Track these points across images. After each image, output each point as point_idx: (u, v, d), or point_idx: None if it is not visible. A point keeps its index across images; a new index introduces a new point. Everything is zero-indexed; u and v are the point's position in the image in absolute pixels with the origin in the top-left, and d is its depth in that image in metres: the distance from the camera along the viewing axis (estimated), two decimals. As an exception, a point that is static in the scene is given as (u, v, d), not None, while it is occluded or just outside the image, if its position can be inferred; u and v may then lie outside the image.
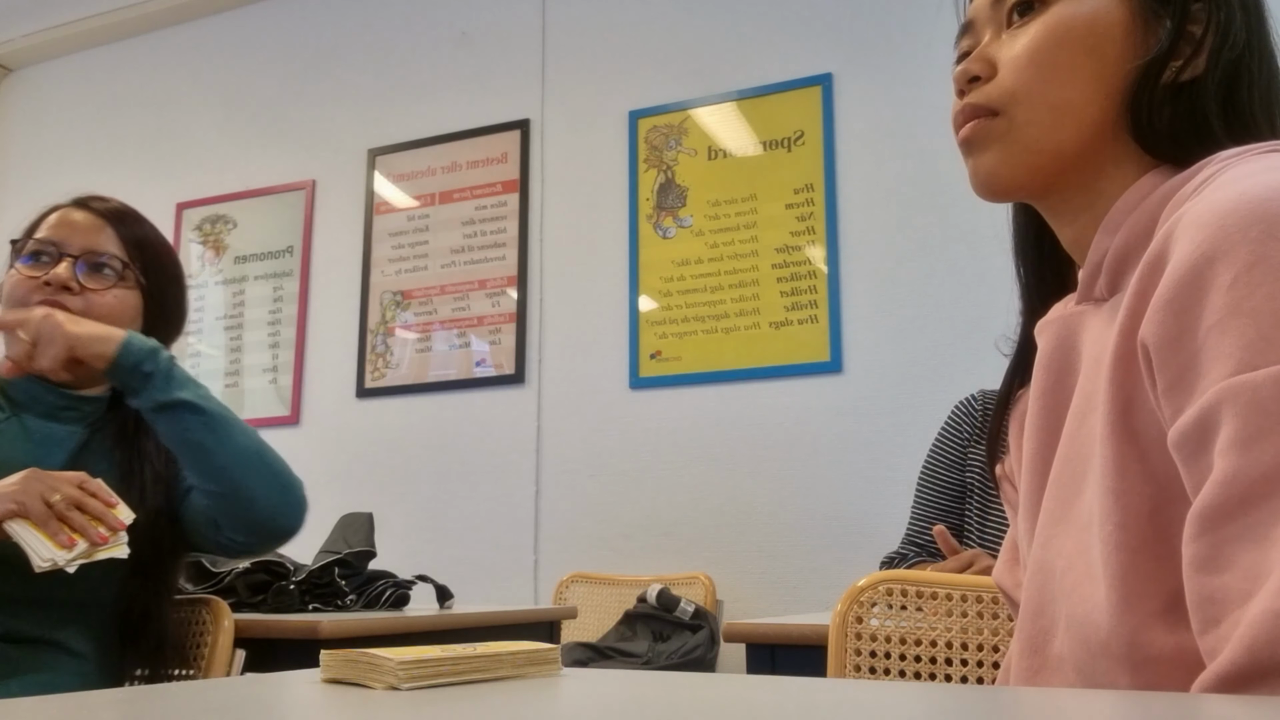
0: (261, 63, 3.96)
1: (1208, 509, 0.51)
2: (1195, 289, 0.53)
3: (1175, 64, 0.65)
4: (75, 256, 1.33)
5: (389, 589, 1.83)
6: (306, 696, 0.54)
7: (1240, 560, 0.50)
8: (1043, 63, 0.66)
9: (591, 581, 3.02)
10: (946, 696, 0.52)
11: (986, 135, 0.68)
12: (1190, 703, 0.46)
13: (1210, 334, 0.52)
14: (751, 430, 2.96)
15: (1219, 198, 0.55)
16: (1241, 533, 0.50)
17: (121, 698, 0.57)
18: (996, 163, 0.68)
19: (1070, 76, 0.66)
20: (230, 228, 3.88)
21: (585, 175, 3.33)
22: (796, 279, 2.98)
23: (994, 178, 0.69)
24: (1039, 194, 0.70)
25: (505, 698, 0.51)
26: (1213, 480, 0.51)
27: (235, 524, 1.33)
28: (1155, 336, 0.55)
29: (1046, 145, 0.67)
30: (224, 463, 1.31)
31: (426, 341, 3.45)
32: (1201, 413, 0.52)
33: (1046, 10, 0.67)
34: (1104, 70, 0.66)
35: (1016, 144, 0.67)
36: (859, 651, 1.19)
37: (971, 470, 1.74)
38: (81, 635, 1.30)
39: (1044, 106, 0.66)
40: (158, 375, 1.28)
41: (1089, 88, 0.66)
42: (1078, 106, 0.66)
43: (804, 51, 3.09)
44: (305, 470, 1.46)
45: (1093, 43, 0.66)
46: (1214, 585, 0.51)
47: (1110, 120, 0.66)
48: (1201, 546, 0.52)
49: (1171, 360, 0.54)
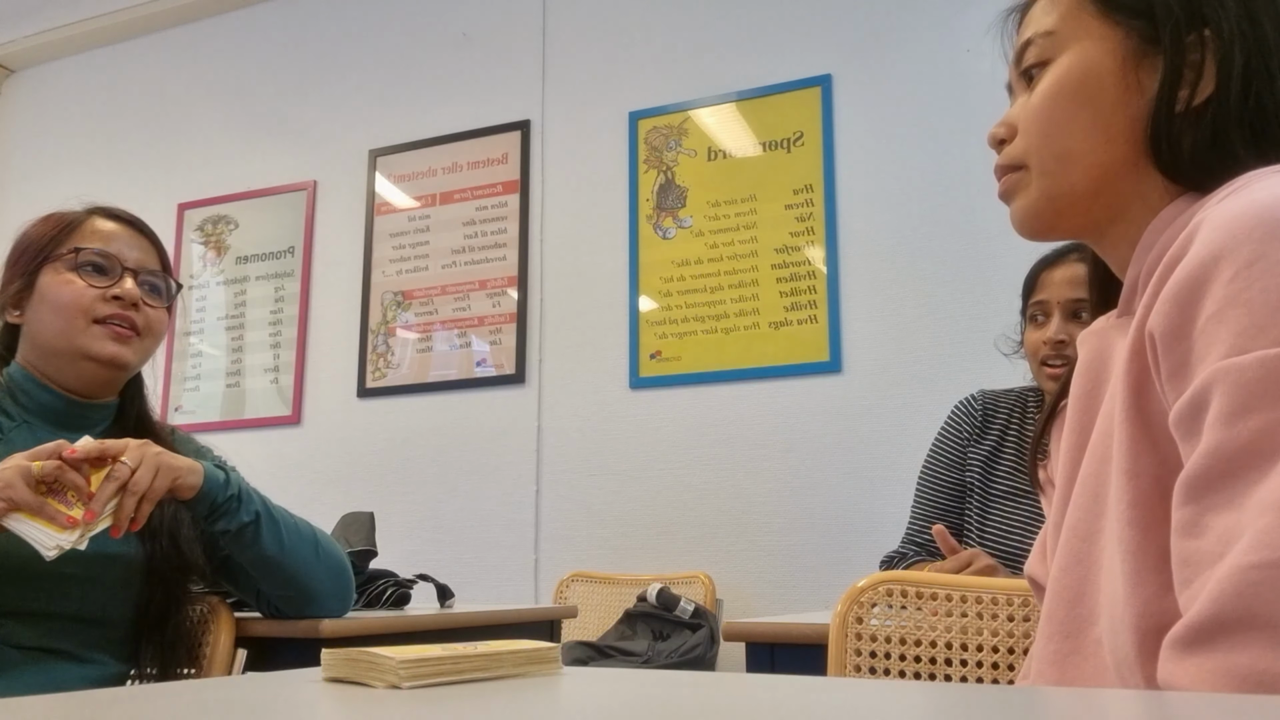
0: (262, 63, 3.96)
1: (1192, 478, 0.56)
2: (1199, 284, 0.58)
3: (1183, 94, 0.68)
4: (134, 271, 1.37)
5: (390, 588, 1.83)
6: (308, 696, 0.54)
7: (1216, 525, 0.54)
8: (1044, 119, 0.73)
9: (591, 581, 3.02)
10: (946, 696, 0.53)
11: (1014, 187, 0.76)
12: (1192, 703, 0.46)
13: (1208, 324, 0.57)
14: (751, 430, 2.96)
15: (1231, 204, 0.59)
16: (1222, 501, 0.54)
17: (121, 697, 0.57)
18: (1024, 210, 0.76)
19: (1069, 128, 0.72)
20: (231, 228, 3.88)
21: (585, 176, 3.34)
22: (796, 279, 2.98)
23: (1024, 223, 0.76)
24: (1072, 232, 0.76)
25: (505, 697, 0.51)
26: (1198, 451, 0.56)
27: (295, 610, 1.42)
28: (1160, 327, 0.59)
29: (1060, 190, 0.73)
30: (293, 571, 1.37)
31: (427, 341, 3.45)
32: (1194, 393, 0.57)
33: (1050, 68, 0.74)
34: (1101, 117, 0.71)
35: (1036, 192, 0.74)
36: (859, 652, 1.19)
37: (972, 470, 1.74)
38: (91, 645, 1.30)
39: (1050, 158, 0.73)
40: (235, 501, 1.30)
41: (1090, 135, 0.71)
42: (1082, 153, 0.71)
43: (804, 52, 3.09)
44: (306, 470, 1.48)
45: (1086, 95, 0.71)
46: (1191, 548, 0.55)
47: (1124, 159, 0.70)
48: (1185, 513, 0.56)
49: (1174, 348, 0.59)
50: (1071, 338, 1.57)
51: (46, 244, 1.36)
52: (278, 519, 1.36)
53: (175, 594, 1.36)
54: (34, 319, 1.34)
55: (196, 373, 3.80)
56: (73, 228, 1.37)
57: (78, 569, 1.26)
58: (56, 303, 1.32)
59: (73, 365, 1.33)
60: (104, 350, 1.32)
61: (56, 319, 1.32)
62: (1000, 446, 1.72)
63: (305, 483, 3.44)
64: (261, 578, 1.38)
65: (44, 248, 1.35)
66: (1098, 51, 0.71)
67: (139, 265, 1.38)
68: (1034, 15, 0.76)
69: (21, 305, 1.35)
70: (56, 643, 1.27)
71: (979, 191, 2.81)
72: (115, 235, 1.38)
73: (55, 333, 1.32)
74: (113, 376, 1.37)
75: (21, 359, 1.37)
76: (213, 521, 1.31)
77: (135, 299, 1.35)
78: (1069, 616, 0.67)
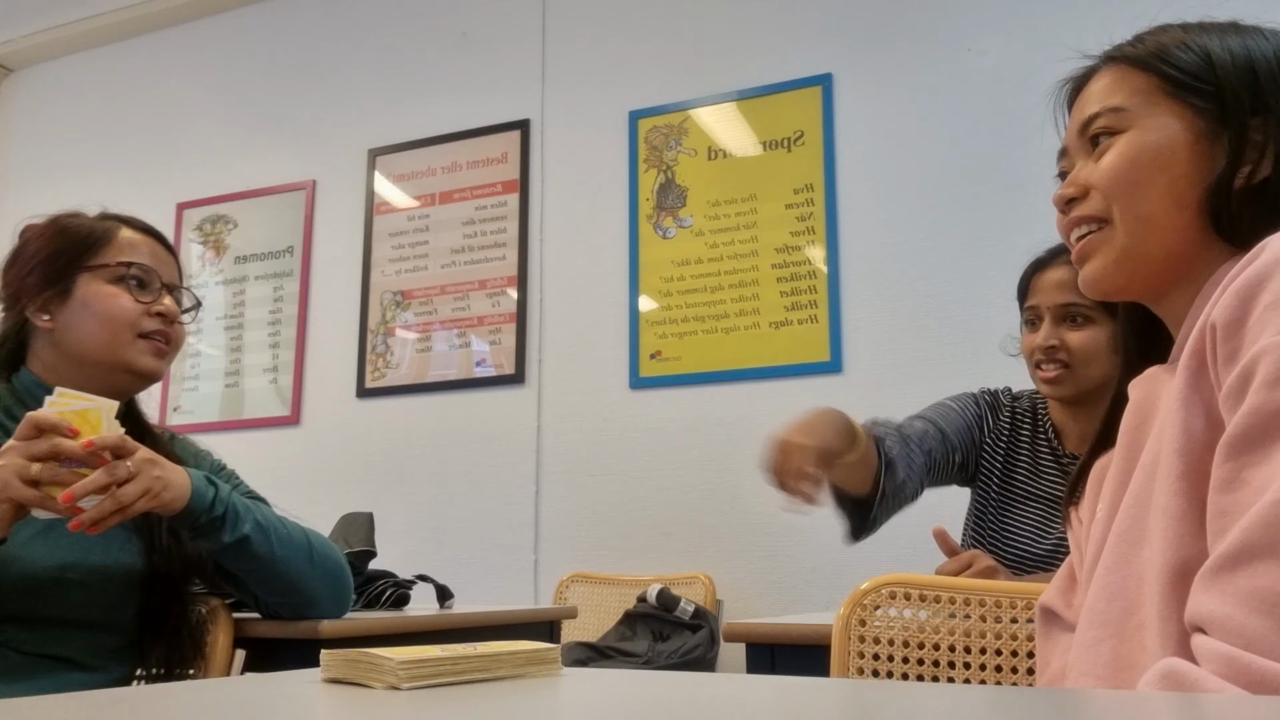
0: (261, 63, 3.96)
1: (1232, 438, 0.60)
2: (1259, 280, 0.64)
3: (1244, 170, 0.75)
4: (168, 287, 1.40)
5: (389, 589, 1.82)
6: (307, 696, 0.54)
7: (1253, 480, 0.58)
8: (1125, 180, 0.78)
9: (591, 581, 3.01)
10: (947, 696, 0.52)
11: (1096, 245, 0.81)
12: (1194, 703, 0.46)
13: (1265, 311, 0.62)
14: (751, 430, 2.95)
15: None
16: (1259, 458, 0.58)
17: (121, 697, 0.56)
18: (1100, 269, 0.81)
19: (1148, 192, 0.77)
20: (230, 228, 3.88)
21: (585, 175, 3.33)
22: (796, 279, 2.98)
23: (1100, 280, 0.81)
24: (1138, 294, 0.82)
25: (505, 697, 0.51)
26: (1240, 413, 0.60)
27: (291, 614, 1.43)
28: (1222, 318, 0.65)
29: (1138, 252, 0.78)
30: (287, 579, 1.38)
31: (427, 341, 3.45)
32: (1244, 366, 0.62)
33: (1121, 137, 0.79)
34: (1176, 185, 0.77)
35: (1117, 251, 0.79)
36: (862, 654, 1.19)
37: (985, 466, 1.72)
38: (96, 651, 1.30)
39: (1134, 218, 0.78)
40: (219, 521, 1.30)
41: (1165, 200, 0.77)
42: (1158, 217, 0.77)
43: (804, 51, 3.09)
44: (305, 470, 1.48)
45: (1163, 163, 0.77)
46: (1227, 501, 0.59)
47: (1193, 226, 0.76)
48: (1224, 471, 0.61)
49: (1232, 335, 0.64)
50: (1063, 342, 1.58)
51: (82, 252, 1.35)
52: (269, 531, 1.35)
53: (179, 595, 1.36)
54: (71, 326, 1.33)
55: (195, 373, 3.79)
56: (107, 238, 1.37)
57: (82, 575, 1.26)
58: (104, 314, 1.32)
59: (109, 376, 1.34)
60: (147, 365, 1.35)
61: (102, 330, 1.32)
62: (1015, 445, 1.71)
63: (304, 483, 3.43)
64: (255, 585, 1.39)
65: (79, 256, 1.34)
66: (1172, 127, 0.77)
67: (170, 281, 1.42)
68: (1097, 90, 0.82)
69: (52, 310, 1.33)
70: (61, 649, 1.27)
71: (979, 190, 2.81)
72: (150, 249, 1.40)
73: (99, 344, 1.32)
74: (141, 388, 1.40)
75: (38, 365, 1.35)
76: (195, 537, 1.31)
77: (176, 315, 1.39)
78: (1109, 608, 0.71)
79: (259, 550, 1.33)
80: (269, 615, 1.44)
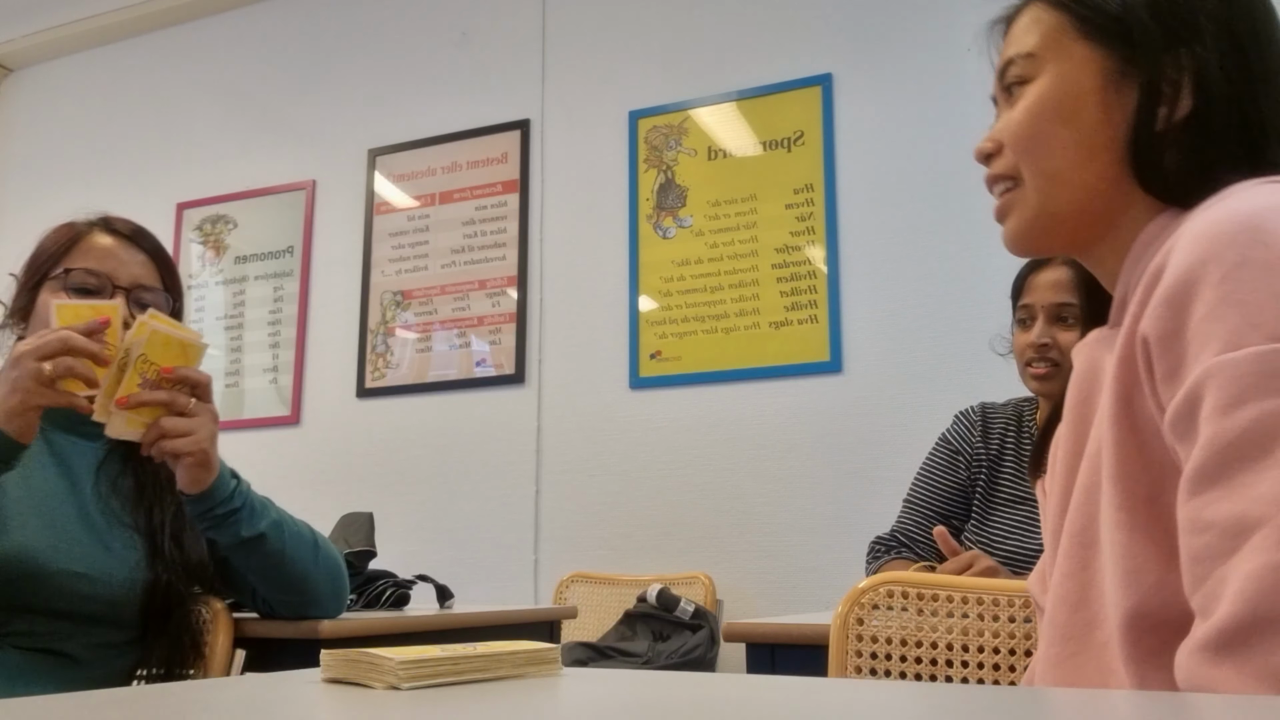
0: (261, 63, 3.96)
1: (1192, 474, 0.56)
2: (1189, 286, 0.58)
3: (1162, 112, 0.70)
4: (126, 289, 1.36)
5: (389, 589, 1.82)
6: (307, 696, 0.54)
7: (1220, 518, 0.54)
8: (1027, 135, 0.74)
9: (591, 581, 3.01)
10: (947, 696, 0.52)
11: (1010, 204, 0.77)
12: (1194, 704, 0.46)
13: (1201, 324, 0.57)
14: (751, 430, 2.95)
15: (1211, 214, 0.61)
16: (1220, 493, 0.54)
17: (121, 698, 0.57)
18: (1015, 229, 0.77)
19: (1053, 147, 0.73)
20: (230, 228, 3.88)
21: (585, 175, 3.33)
22: (796, 279, 2.98)
23: (1016, 241, 0.78)
24: (1060, 249, 0.78)
25: (505, 697, 0.51)
26: (1196, 446, 0.56)
27: (291, 613, 1.42)
28: (1154, 331, 0.60)
29: (1050, 209, 0.74)
30: (293, 576, 1.38)
31: (427, 341, 3.45)
32: (1188, 390, 0.57)
33: (1031, 86, 0.75)
34: (1083, 135, 0.72)
35: (1029, 210, 0.75)
36: (860, 653, 1.19)
37: (975, 475, 1.76)
38: (97, 647, 1.30)
39: (1040, 176, 0.74)
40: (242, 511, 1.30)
41: (1072, 154, 0.72)
42: (1065, 173, 0.73)
43: (804, 51, 3.08)
44: (305, 470, 1.49)
45: (1066, 113, 0.72)
46: (1199, 544, 0.55)
47: (1108, 177, 0.72)
48: (1188, 510, 0.56)
49: (1169, 352, 0.59)
50: (1055, 341, 1.59)
51: (45, 261, 1.36)
52: (282, 528, 1.36)
53: (181, 597, 1.37)
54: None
55: (196, 373, 3.79)
56: (72, 244, 1.37)
57: (86, 572, 1.26)
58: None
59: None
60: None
61: None
62: (1001, 454, 1.75)
63: (304, 483, 3.43)
64: (261, 582, 1.39)
65: (42, 265, 1.36)
66: (1078, 72, 0.72)
67: (133, 282, 1.37)
68: (1016, 33, 0.78)
69: (25, 323, 1.36)
70: (64, 646, 1.27)
71: (979, 191, 2.80)
72: (110, 252, 1.37)
73: None
74: None
75: None
76: (210, 529, 1.31)
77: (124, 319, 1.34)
78: (1070, 621, 0.67)
79: (272, 548, 1.34)
80: (267, 614, 1.45)
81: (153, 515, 1.34)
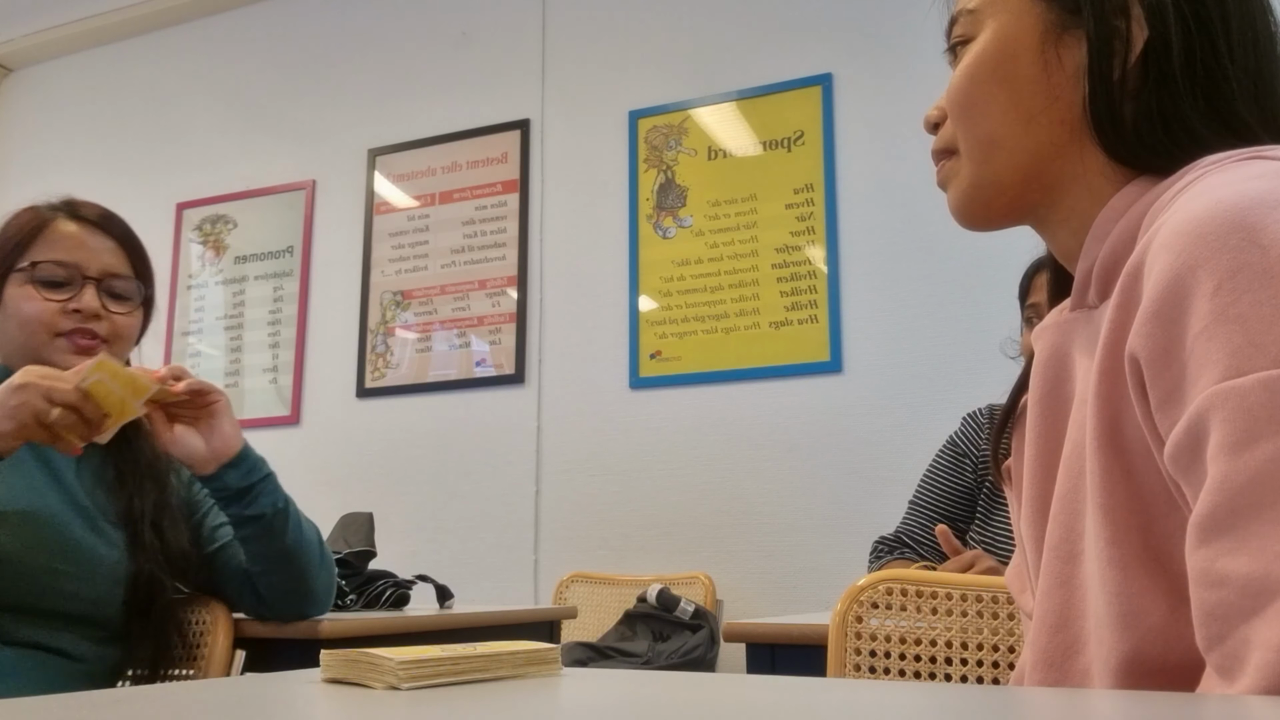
0: (261, 63, 3.96)
1: (1202, 519, 0.51)
2: (1180, 298, 0.52)
3: (1115, 61, 0.63)
4: (96, 279, 1.34)
5: (389, 589, 1.82)
6: (306, 696, 0.54)
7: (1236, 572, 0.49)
8: (962, 101, 0.69)
9: (591, 581, 3.01)
10: (947, 696, 0.52)
11: (947, 176, 0.72)
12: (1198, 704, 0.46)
13: (1198, 341, 0.51)
14: (751, 430, 2.95)
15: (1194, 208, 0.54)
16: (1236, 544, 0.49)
17: (121, 698, 0.56)
18: (956, 200, 0.72)
19: (987, 109, 0.68)
20: (230, 228, 3.88)
21: (585, 175, 3.33)
22: (796, 279, 2.98)
23: (958, 213, 0.73)
24: (1007, 220, 0.72)
25: (505, 698, 0.51)
26: (1205, 489, 0.50)
27: (285, 607, 1.40)
28: (1145, 350, 0.54)
29: (985, 179, 0.69)
30: (298, 569, 1.37)
31: (426, 341, 3.45)
32: (1190, 421, 0.51)
33: (970, 46, 0.69)
34: (1020, 97, 0.66)
35: (966, 180, 0.70)
36: (859, 651, 1.19)
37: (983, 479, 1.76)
38: (81, 642, 1.30)
39: (976, 143, 0.69)
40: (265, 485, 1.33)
41: (1009, 116, 0.67)
42: (1002, 137, 0.67)
43: (804, 51, 3.08)
44: (305, 470, 1.49)
45: (1001, 74, 0.67)
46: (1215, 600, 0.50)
47: (1051, 141, 0.66)
48: (1199, 559, 0.51)
49: (1164, 373, 0.53)
50: None
51: (11, 251, 1.34)
52: (298, 513, 1.38)
53: (164, 589, 1.35)
54: (3, 331, 1.34)
55: (195, 373, 3.78)
56: (36, 233, 1.34)
57: (67, 567, 1.26)
58: (18, 318, 1.31)
59: None
60: (66, 364, 1.28)
61: (20, 333, 1.32)
62: None
63: (304, 483, 3.41)
64: (267, 568, 1.36)
65: (7, 256, 1.34)
66: (1015, 27, 0.67)
67: (102, 271, 1.35)
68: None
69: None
70: (50, 641, 1.27)
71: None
72: (78, 241, 1.35)
73: (20, 347, 1.32)
74: None
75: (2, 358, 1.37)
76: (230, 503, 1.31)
77: (95, 311, 1.33)
78: (1052, 643, 0.63)
79: (292, 525, 1.34)
80: (255, 610, 1.42)
81: (133, 504, 1.33)
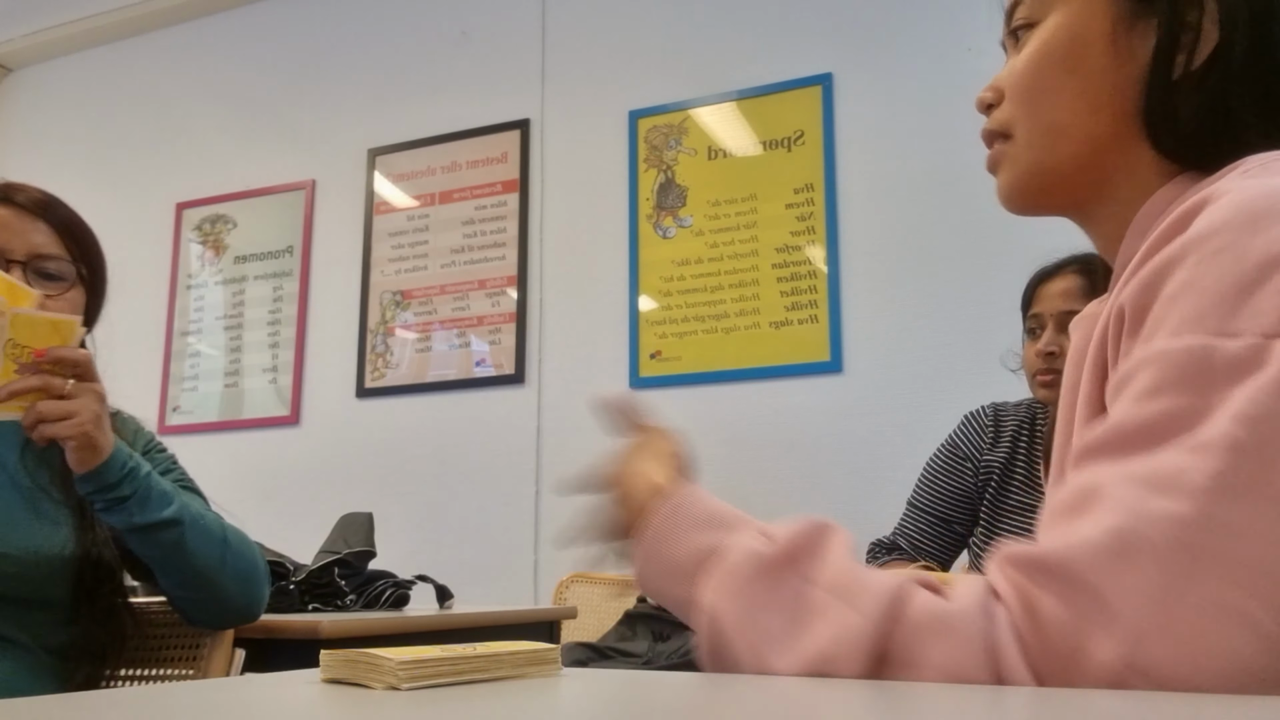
0: (261, 63, 3.96)
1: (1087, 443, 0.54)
2: (1169, 266, 0.55)
3: (1180, 59, 0.63)
4: (23, 262, 1.30)
5: (389, 589, 1.83)
6: (306, 696, 0.54)
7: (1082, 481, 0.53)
8: (1027, 86, 0.69)
9: (591, 581, 3.01)
10: (946, 696, 0.52)
11: (1000, 158, 0.72)
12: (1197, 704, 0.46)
13: (1162, 305, 0.54)
14: (751, 430, 2.95)
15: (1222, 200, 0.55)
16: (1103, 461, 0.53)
17: (121, 698, 0.56)
18: (1009, 184, 0.72)
19: (1054, 97, 0.68)
20: (230, 228, 3.88)
21: (585, 175, 3.33)
22: (796, 279, 2.98)
23: (1009, 198, 0.73)
24: (1056, 209, 0.73)
25: (505, 698, 0.51)
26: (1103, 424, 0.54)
27: (201, 616, 1.36)
28: (1130, 302, 0.57)
29: (1045, 166, 0.69)
30: (196, 573, 1.30)
31: (426, 341, 3.45)
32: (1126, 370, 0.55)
33: (1034, 31, 0.69)
34: (1089, 85, 0.66)
35: (1022, 166, 0.70)
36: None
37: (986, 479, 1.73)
38: (32, 630, 1.27)
39: (1036, 129, 0.69)
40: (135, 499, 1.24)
41: (1076, 105, 0.67)
42: (1068, 125, 0.68)
43: (804, 51, 3.09)
44: (305, 470, 1.47)
45: (1072, 61, 0.67)
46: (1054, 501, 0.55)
47: (1112, 133, 0.66)
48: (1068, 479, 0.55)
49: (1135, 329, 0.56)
50: (1062, 349, 1.56)
51: None
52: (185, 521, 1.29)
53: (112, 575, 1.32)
54: None
55: (195, 373, 3.79)
56: None
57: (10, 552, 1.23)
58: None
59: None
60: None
61: None
62: (1012, 459, 1.71)
63: (304, 483, 3.43)
64: (160, 574, 1.32)
65: None
66: (1086, 14, 0.66)
67: (29, 253, 1.30)
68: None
69: None
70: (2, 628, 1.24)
71: (980, 190, 2.80)
72: (4, 224, 1.30)
73: None
74: None
75: None
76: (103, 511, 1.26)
77: None
78: None
79: (168, 539, 1.27)
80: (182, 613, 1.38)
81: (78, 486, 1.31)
